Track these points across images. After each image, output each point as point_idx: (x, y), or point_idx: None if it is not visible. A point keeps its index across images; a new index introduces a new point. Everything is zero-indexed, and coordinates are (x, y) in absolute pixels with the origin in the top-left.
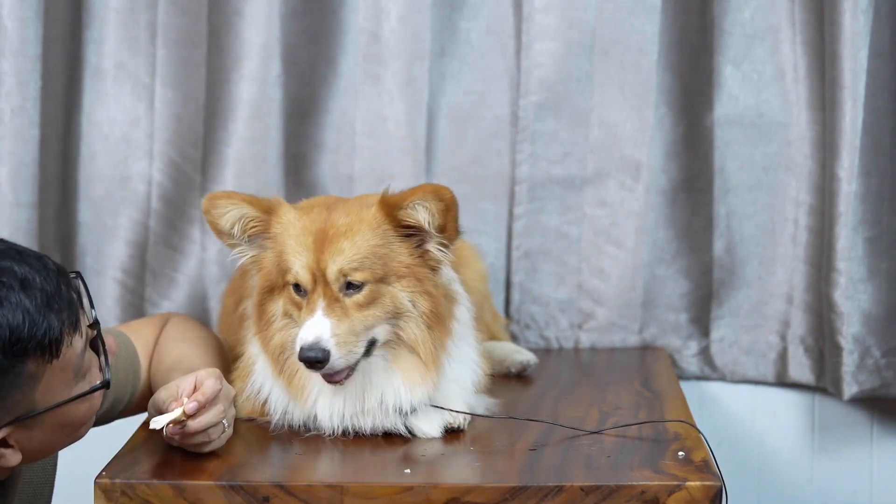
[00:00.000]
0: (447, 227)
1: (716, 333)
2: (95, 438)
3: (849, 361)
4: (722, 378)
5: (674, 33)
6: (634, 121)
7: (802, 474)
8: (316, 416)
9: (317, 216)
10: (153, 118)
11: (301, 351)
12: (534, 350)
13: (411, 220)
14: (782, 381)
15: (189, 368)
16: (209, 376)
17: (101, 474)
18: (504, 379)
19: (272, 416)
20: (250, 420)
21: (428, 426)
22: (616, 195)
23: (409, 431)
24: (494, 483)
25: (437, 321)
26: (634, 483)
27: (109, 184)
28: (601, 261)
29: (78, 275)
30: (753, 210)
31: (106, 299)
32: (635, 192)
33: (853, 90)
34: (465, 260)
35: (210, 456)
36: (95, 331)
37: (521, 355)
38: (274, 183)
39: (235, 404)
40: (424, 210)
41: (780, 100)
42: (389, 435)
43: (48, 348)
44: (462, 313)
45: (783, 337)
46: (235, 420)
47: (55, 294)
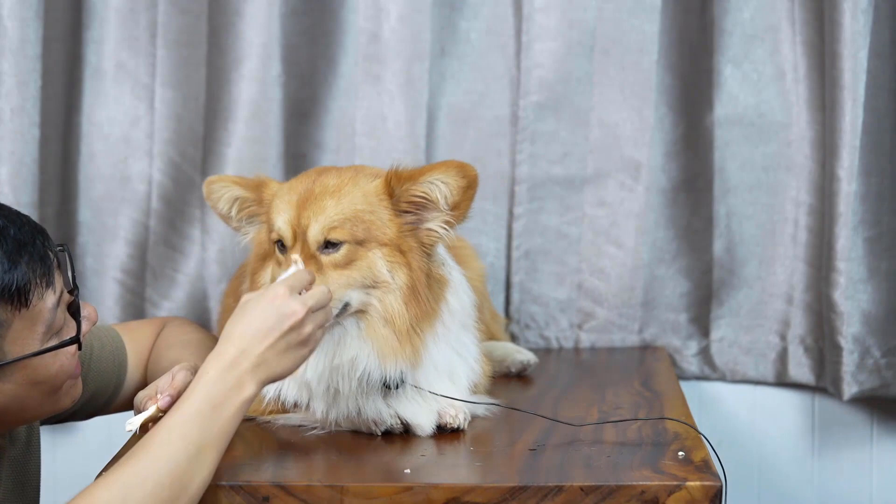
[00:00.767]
0: (461, 206)
1: (716, 333)
2: (95, 438)
3: (849, 361)
4: (722, 378)
5: (674, 33)
6: (634, 121)
7: (802, 474)
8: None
9: (305, 178)
10: (153, 118)
11: None
12: (534, 350)
13: (418, 196)
14: (782, 381)
15: None
16: (181, 370)
17: (102, 474)
18: (504, 379)
19: (266, 395)
20: (250, 420)
21: (419, 415)
22: (616, 195)
23: (402, 422)
24: (494, 483)
25: (415, 298)
26: (634, 483)
27: (109, 184)
28: (601, 261)
29: (64, 247)
30: (753, 210)
31: (106, 299)
32: (635, 192)
33: (853, 90)
34: (465, 259)
35: None
36: (74, 296)
37: (522, 355)
38: None
39: None
40: (443, 185)
41: (780, 100)
42: (389, 434)
43: (16, 294)
44: (456, 301)
45: (783, 337)
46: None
47: (28, 244)
